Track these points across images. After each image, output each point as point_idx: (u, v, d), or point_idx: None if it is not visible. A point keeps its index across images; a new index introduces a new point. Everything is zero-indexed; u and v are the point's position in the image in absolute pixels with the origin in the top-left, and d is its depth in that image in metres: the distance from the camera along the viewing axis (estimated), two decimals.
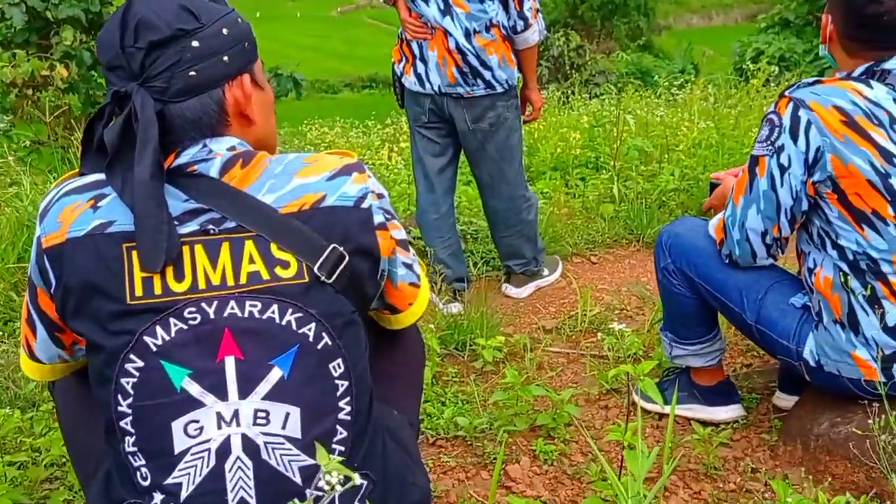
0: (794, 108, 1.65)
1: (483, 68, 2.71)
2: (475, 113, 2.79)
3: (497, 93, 2.77)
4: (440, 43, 2.71)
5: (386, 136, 8.38)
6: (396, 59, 2.86)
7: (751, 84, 6.34)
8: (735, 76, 14.43)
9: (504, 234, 3.07)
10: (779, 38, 14.73)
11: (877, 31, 1.62)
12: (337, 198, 1.14)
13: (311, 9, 54.34)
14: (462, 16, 2.66)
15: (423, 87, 2.76)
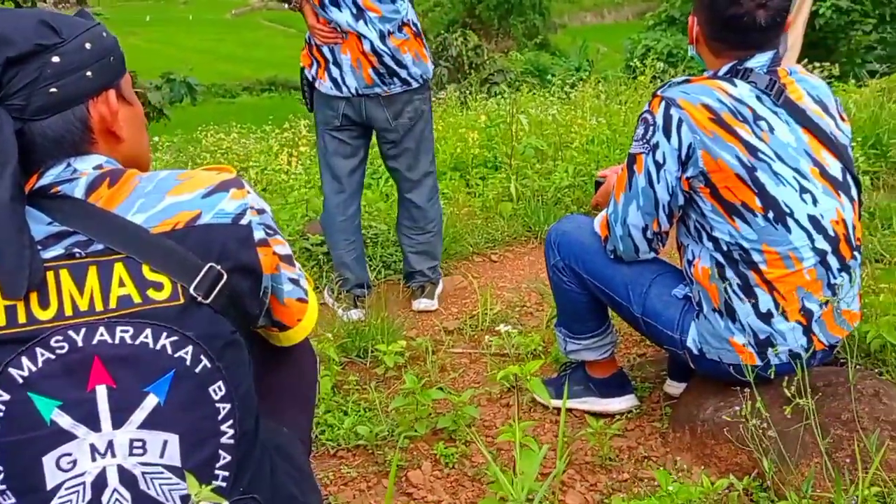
0: (666, 107, 1.72)
1: (399, 67, 2.76)
2: (395, 109, 2.84)
3: (413, 88, 2.83)
4: (353, 46, 2.71)
5: (285, 141, 8.24)
6: (307, 64, 2.83)
7: (639, 80, 6.57)
8: (626, 73, 14.94)
9: (421, 231, 3.07)
10: (666, 34, 15.32)
11: (738, 31, 1.71)
12: (213, 215, 1.11)
13: (204, 12, 52.87)
14: (375, 19, 2.69)
15: (339, 90, 2.77)
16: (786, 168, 1.68)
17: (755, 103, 1.69)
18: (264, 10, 55.78)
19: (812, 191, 1.70)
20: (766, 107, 1.69)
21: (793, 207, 1.68)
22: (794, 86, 1.74)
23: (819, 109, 1.74)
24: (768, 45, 1.72)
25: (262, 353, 1.29)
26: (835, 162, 1.73)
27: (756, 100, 1.69)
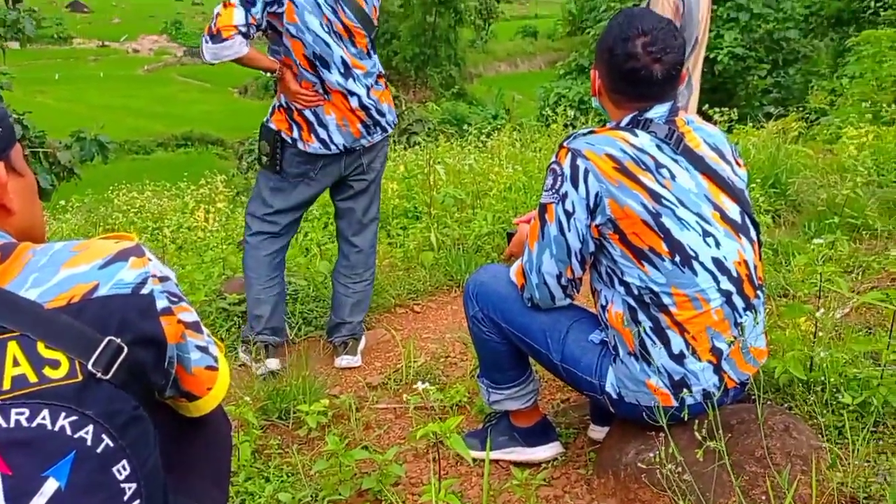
0: (573, 158, 1.77)
1: (380, 116, 2.88)
2: (371, 156, 2.95)
3: (388, 134, 2.96)
4: (338, 104, 2.77)
5: (201, 197, 8.12)
6: (284, 129, 2.81)
7: (552, 128, 6.76)
8: (541, 121, 15.35)
9: (359, 279, 3.07)
10: (576, 82, 15.87)
11: (636, 85, 1.78)
12: (112, 286, 1.07)
13: (116, 68, 51.91)
14: (361, 75, 2.78)
15: (328, 149, 2.81)
16: (689, 213, 1.74)
17: (656, 152, 1.76)
18: (178, 66, 55.20)
19: (714, 234, 1.76)
20: (666, 155, 1.76)
21: (697, 251, 1.74)
22: (691, 134, 1.81)
23: (716, 156, 1.82)
24: (666, 97, 1.80)
25: (170, 425, 1.24)
26: (734, 206, 1.81)
27: (657, 149, 1.76)
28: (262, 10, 2.59)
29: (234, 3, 2.56)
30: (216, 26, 2.55)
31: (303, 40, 2.67)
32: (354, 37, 2.73)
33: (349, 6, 2.69)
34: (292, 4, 2.62)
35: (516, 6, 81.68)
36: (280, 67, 2.72)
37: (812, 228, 4.31)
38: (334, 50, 2.70)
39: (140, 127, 38.19)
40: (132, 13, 70.08)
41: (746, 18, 14.21)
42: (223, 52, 2.57)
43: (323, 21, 2.66)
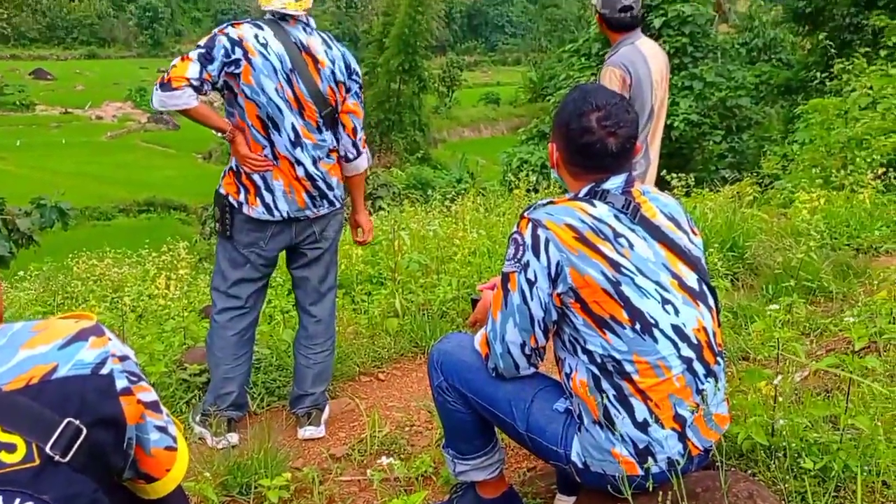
0: (534, 228, 1.80)
1: (328, 189, 2.89)
2: (321, 226, 2.95)
3: (336, 208, 2.97)
4: (286, 172, 2.80)
5: (162, 264, 8.02)
6: (232, 192, 2.83)
7: (515, 193, 6.87)
8: (504, 186, 15.59)
9: (320, 349, 3.04)
10: (538, 147, 16.20)
11: (592, 157, 1.83)
12: (71, 367, 1.06)
13: (79, 135, 51.69)
14: (310, 146, 2.81)
15: (272, 215, 2.82)
16: (647, 281, 1.78)
17: (614, 222, 1.80)
18: (142, 132, 55.18)
19: (673, 301, 1.80)
20: (624, 224, 1.81)
21: (657, 318, 1.77)
22: (647, 204, 1.87)
23: (672, 225, 1.87)
24: (621, 169, 1.85)
25: None
26: (691, 273, 1.85)
27: (615, 218, 1.81)
28: (219, 69, 2.63)
29: (192, 57, 2.61)
30: (169, 75, 2.59)
31: (257, 102, 2.70)
32: (304, 109, 2.77)
33: (304, 80, 2.74)
34: (249, 66, 2.66)
35: (479, 74, 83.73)
36: (231, 129, 2.75)
37: (770, 291, 4.41)
38: (286, 116, 2.74)
39: (102, 193, 37.91)
40: (96, 81, 70.20)
41: (700, 87, 14.74)
42: (170, 100, 2.59)
43: (278, 86, 2.70)
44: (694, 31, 15.10)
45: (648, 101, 3.59)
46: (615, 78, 3.47)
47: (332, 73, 2.80)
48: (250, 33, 2.69)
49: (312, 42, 2.79)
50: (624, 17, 3.56)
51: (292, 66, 2.71)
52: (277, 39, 2.71)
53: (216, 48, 2.62)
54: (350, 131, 2.90)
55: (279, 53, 2.70)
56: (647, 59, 3.57)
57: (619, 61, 3.49)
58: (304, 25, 2.80)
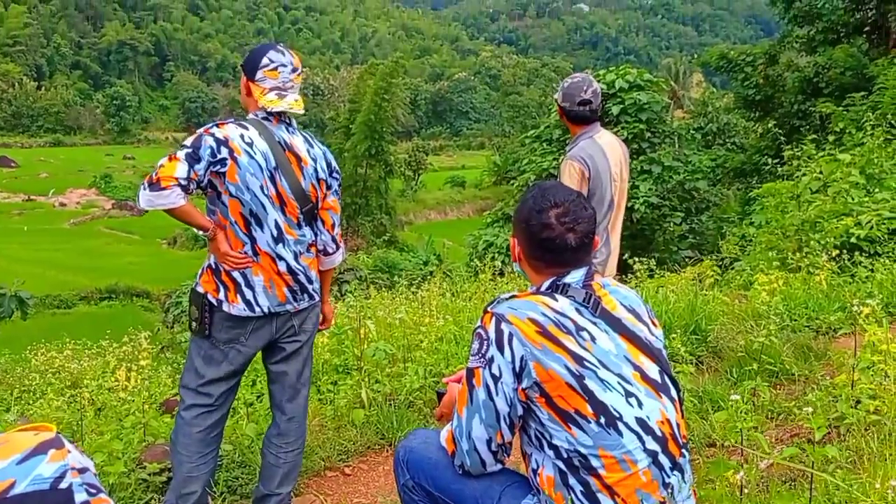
0: (497, 323, 1.82)
1: (308, 283, 2.90)
2: (300, 320, 2.93)
3: (316, 301, 2.97)
4: (266, 267, 2.79)
5: (123, 355, 7.87)
6: (211, 290, 2.79)
7: (481, 278, 6.92)
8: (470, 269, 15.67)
9: (291, 448, 2.96)
10: (503, 230, 16.41)
11: (553, 252, 1.88)
12: (30, 482, 1.03)
13: (41, 222, 51.27)
14: (292, 241, 2.82)
15: (252, 311, 2.79)
16: (610, 374, 1.80)
17: (576, 315, 1.83)
18: (105, 218, 54.86)
19: (636, 394, 1.81)
20: (585, 318, 1.83)
21: (621, 411, 1.78)
22: (608, 297, 1.90)
23: (633, 318, 1.91)
24: (581, 263, 1.90)
25: None
26: (652, 365, 1.87)
27: (576, 312, 1.83)
28: (205, 168, 2.63)
29: (179, 157, 2.60)
30: (157, 175, 2.56)
31: (241, 199, 2.71)
32: (286, 205, 2.79)
33: (287, 178, 2.77)
34: (235, 165, 2.68)
35: (444, 157, 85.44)
36: (213, 227, 2.75)
37: (734, 374, 4.45)
38: (269, 213, 2.76)
39: (63, 281, 37.33)
40: (61, 168, 70.10)
41: (659, 171, 15.17)
42: (158, 200, 2.58)
43: (263, 184, 2.72)
44: (650, 118, 15.64)
45: (608, 192, 3.69)
46: (574, 171, 3.57)
47: (315, 171, 2.84)
48: (235, 133, 2.71)
49: (295, 141, 2.83)
50: (583, 111, 3.70)
51: (276, 164, 2.74)
52: (262, 138, 2.74)
53: (202, 148, 2.62)
54: (329, 227, 2.93)
55: (264, 152, 2.72)
56: (606, 152, 3.69)
57: (578, 155, 3.60)
58: (286, 125, 2.84)
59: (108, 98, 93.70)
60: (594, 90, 3.71)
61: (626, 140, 15.77)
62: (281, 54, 2.82)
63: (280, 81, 2.80)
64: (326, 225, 2.93)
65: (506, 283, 7.08)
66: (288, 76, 2.81)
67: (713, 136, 32.22)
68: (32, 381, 7.74)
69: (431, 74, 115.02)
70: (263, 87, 2.80)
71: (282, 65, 2.80)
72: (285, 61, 2.81)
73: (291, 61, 2.83)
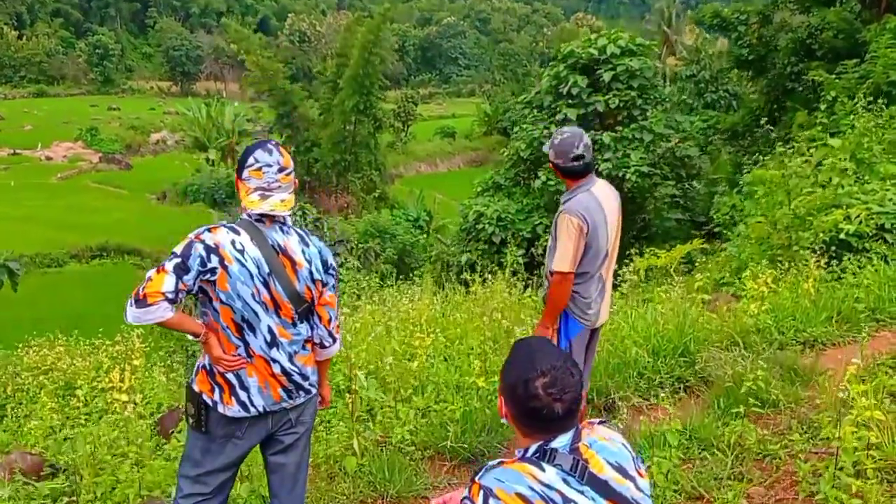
0: (485, 497, 1.83)
1: (303, 380, 2.89)
2: (297, 413, 2.94)
3: (312, 394, 2.96)
4: (261, 369, 2.78)
5: (116, 355, 7.88)
6: (206, 391, 2.79)
7: (471, 290, 6.91)
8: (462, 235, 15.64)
9: None
10: (493, 199, 16.33)
11: (539, 420, 1.88)
12: None
13: (28, 177, 50.61)
14: (286, 343, 2.81)
15: (248, 411, 2.79)
16: None
17: (563, 486, 1.84)
18: (93, 172, 54.26)
19: None
20: (573, 489, 1.85)
21: None
22: (595, 458, 1.91)
23: (620, 476, 1.92)
24: (568, 428, 1.90)
25: None
26: None
27: (563, 483, 1.84)
28: (194, 278, 2.60)
29: (168, 269, 2.57)
30: (144, 291, 2.53)
31: (232, 307, 2.69)
32: (280, 308, 2.76)
33: (281, 283, 2.73)
34: (226, 273, 2.64)
35: (434, 106, 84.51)
36: (205, 332, 2.73)
37: (721, 405, 4.51)
38: (262, 318, 2.74)
39: (53, 238, 37.11)
40: (45, 120, 68.97)
41: (650, 139, 15.06)
42: (145, 316, 2.56)
43: (254, 291, 2.69)
44: (642, 84, 15.45)
45: (604, 243, 3.69)
46: (573, 227, 3.56)
47: (310, 273, 2.80)
48: (226, 239, 2.66)
49: (290, 242, 2.77)
50: (577, 166, 3.67)
51: (269, 270, 2.70)
52: (254, 244, 2.69)
53: (192, 257, 2.58)
54: (326, 322, 2.92)
55: (256, 259, 2.68)
56: (602, 205, 3.67)
57: (576, 209, 3.59)
58: (280, 225, 2.78)
59: (90, 47, 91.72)
60: (585, 144, 3.67)
61: (617, 108, 15.64)
62: (268, 154, 2.76)
63: (265, 182, 2.74)
64: (323, 321, 2.91)
65: (498, 287, 7.09)
66: (273, 176, 2.75)
67: (706, 83, 31.93)
68: (25, 381, 7.76)
69: (420, 19, 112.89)
70: (248, 187, 2.75)
71: (266, 165, 2.74)
72: (271, 161, 2.75)
73: (279, 161, 2.76)
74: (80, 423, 6.54)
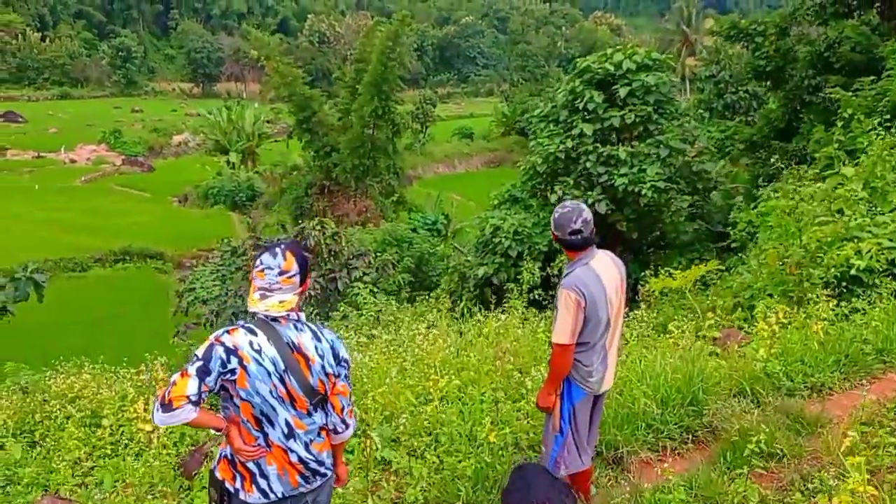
0: None
1: (319, 466, 3.12)
2: (314, 495, 3.15)
3: (328, 477, 3.19)
4: (279, 458, 3.02)
5: (141, 384, 8.09)
6: (228, 478, 3.03)
7: (487, 321, 7.05)
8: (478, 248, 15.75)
9: None
10: (510, 212, 16.42)
11: None
12: None
13: (52, 180, 51.34)
14: (302, 434, 3.04)
15: (267, 497, 3.02)
16: None
17: None
18: (116, 175, 54.95)
19: None
20: None
21: None
22: None
23: None
24: None
25: None
26: None
27: None
28: (216, 379, 2.83)
29: (191, 373, 2.79)
30: (169, 396, 2.75)
31: (251, 402, 2.92)
32: (296, 401, 2.99)
33: (296, 378, 2.95)
34: (245, 373, 2.86)
35: (452, 106, 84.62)
36: (227, 426, 2.95)
37: (728, 458, 4.63)
38: (279, 412, 2.96)
39: (76, 242, 37.73)
40: (70, 122, 69.93)
41: (666, 153, 15.10)
42: (172, 419, 2.78)
43: (271, 387, 2.91)
44: (658, 100, 15.48)
45: (604, 316, 3.81)
46: (570, 301, 3.70)
47: (322, 367, 3.01)
48: (244, 340, 2.88)
49: (303, 339, 2.99)
50: (575, 240, 3.81)
51: (285, 367, 2.92)
52: (271, 343, 2.91)
53: (213, 360, 2.81)
54: (339, 411, 3.12)
55: (273, 358, 2.90)
56: (601, 278, 3.80)
57: (573, 284, 3.73)
58: (294, 322, 3.00)
59: (113, 49, 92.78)
60: (584, 219, 3.81)
61: (633, 123, 15.66)
62: (272, 257, 2.99)
63: (266, 283, 2.97)
64: (336, 409, 3.11)
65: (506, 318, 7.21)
66: (274, 278, 2.97)
67: (725, 84, 31.79)
68: (53, 409, 7.99)
69: (438, 18, 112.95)
70: (254, 286, 2.98)
71: (269, 267, 2.97)
72: (273, 264, 2.98)
73: (280, 265, 2.98)
74: (105, 452, 6.78)
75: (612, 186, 14.80)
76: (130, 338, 24.33)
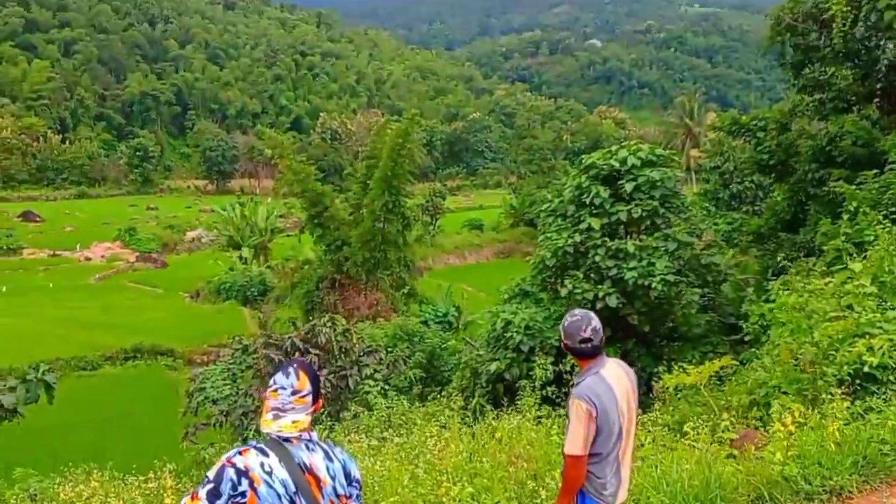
0: None
1: None
2: None
3: None
4: None
5: (149, 492, 8.01)
6: None
7: (499, 426, 7.00)
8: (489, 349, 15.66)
9: None
10: (521, 306, 16.44)
11: None
12: None
13: (66, 278, 51.97)
14: None
15: None
16: None
17: None
18: (129, 272, 55.57)
19: None
20: None
21: None
22: None
23: None
24: None
25: None
26: None
27: None
28: (226, 501, 2.83)
29: (201, 496, 2.81)
30: None
31: None
32: None
33: (307, 498, 2.94)
34: (255, 495, 2.87)
35: (461, 198, 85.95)
36: None
37: None
38: None
39: (88, 340, 37.81)
40: (86, 221, 71.30)
41: (674, 247, 15.21)
42: None
43: None
44: (664, 194, 15.73)
45: (616, 424, 3.81)
46: (581, 411, 3.71)
47: (333, 489, 3.02)
48: (256, 462, 2.91)
49: (315, 460, 3.01)
50: (585, 348, 3.85)
51: (296, 489, 2.93)
52: (282, 465, 2.93)
53: (223, 482, 2.83)
54: None
55: (283, 480, 2.91)
56: (613, 387, 3.82)
57: (585, 394, 3.74)
58: (306, 442, 3.03)
59: (131, 149, 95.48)
60: (594, 328, 3.86)
61: (640, 217, 15.88)
62: (285, 377, 3.04)
63: (279, 402, 3.01)
64: None
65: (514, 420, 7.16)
66: (287, 398, 3.01)
67: (730, 174, 32.21)
68: None
69: (447, 115, 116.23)
70: (267, 406, 3.02)
71: (281, 387, 3.02)
72: (286, 384, 3.03)
73: (293, 385, 3.03)
74: None
75: (622, 280, 14.85)
76: (140, 436, 24.19)
